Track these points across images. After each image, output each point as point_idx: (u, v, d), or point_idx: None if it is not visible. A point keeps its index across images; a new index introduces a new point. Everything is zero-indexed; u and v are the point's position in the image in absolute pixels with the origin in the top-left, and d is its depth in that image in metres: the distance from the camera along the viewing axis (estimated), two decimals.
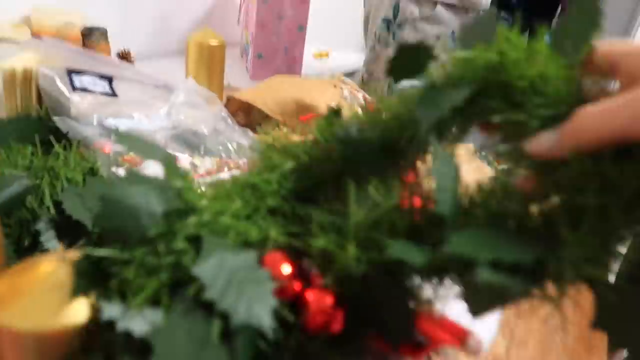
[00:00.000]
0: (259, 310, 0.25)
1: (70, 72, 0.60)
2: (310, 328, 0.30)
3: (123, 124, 0.66)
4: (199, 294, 0.23)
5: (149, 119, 0.71)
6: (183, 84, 0.77)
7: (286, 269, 0.30)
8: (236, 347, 0.27)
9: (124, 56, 1.17)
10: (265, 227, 0.30)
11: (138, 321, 0.23)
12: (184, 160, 0.59)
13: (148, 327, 0.23)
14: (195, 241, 0.25)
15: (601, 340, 0.62)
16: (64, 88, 0.59)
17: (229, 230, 0.26)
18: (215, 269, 0.23)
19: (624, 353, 0.26)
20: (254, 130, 0.76)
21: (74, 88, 0.60)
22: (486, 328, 0.40)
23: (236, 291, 0.23)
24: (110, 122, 0.64)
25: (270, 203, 0.32)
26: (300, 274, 0.31)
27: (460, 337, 0.39)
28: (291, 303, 0.30)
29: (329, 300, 0.30)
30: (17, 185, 0.47)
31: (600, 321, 0.25)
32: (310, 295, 0.30)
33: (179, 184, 0.26)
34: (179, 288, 0.24)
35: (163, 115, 0.73)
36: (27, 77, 0.62)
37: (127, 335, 0.24)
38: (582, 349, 0.60)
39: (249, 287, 0.24)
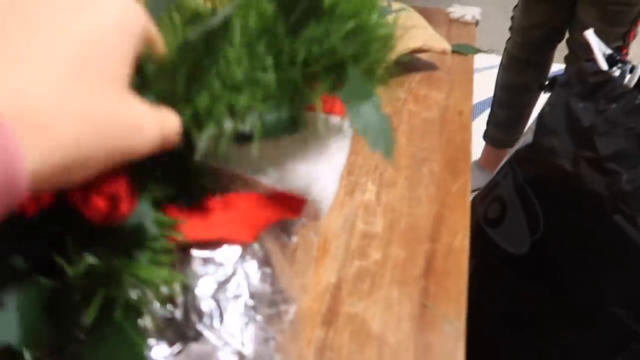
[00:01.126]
0: None
1: None
2: (91, 219, 0.26)
3: None
4: None
5: None
6: None
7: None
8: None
9: None
10: None
11: None
12: None
13: None
14: None
15: (465, 163, 0.65)
16: None
17: None
18: None
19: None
20: None
21: None
22: (328, 184, 0.38)
23: None
24: None
25: None
26: None
27: (295, 207, 0.38)
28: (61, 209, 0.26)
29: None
30: None
31: None
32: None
33: None
34: None
35: None
36: None
37: None
38: (448, 174, 0.63)
39: None
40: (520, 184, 0.83)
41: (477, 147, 1.60)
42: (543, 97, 1.21)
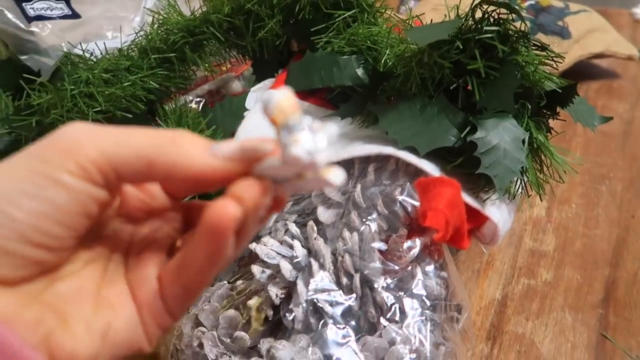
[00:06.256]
0: None
1: (19, 0, 0.57)
2: None
3: (96, 47, 0.63)
4: None
5: (123, 33, 0.68)
6: None
7: None
8: None
9: None
10: None
11: None
12: None
13: None
14: None
15: None
16: (17, 21, 0.56)
17: None
18: None
19: None
20: None
21: (28, 18, 0.57)
22: (507, 216, 0.40)
23: None
24: (82, 47, 0.61)
25: None
26: None
27: (477, 223, 0.38)
28: None
29: None
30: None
31: None
32: None
33: None
34: None
35: (137, 26, 0.69)
36: None
37: None
38: (632, 196, 0.58)
39: None
40: None
41: None
42: None
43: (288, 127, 0.18)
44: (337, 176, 0.19)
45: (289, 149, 0.18)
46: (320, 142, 0.18)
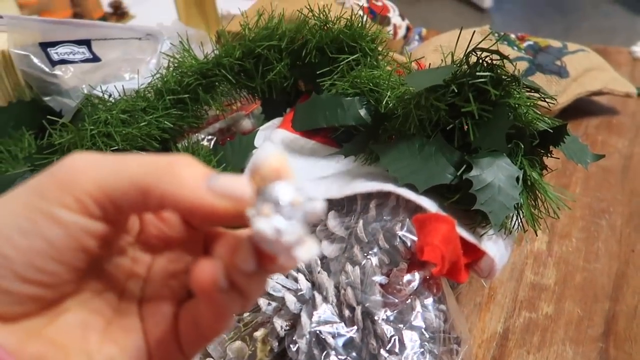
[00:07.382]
0: None
1: (45, 46, 0.60)
2: None
3: (114, 88, 0.67)
4: None
5: (140, 75, 0.71)
6: (167, 29, 0.76)
7: None
8: None
9: (116, 5, 1.17)
10: None
11: None
12: None
13: None
14: None
15: None
16: (42, 65, 0.60)
17: None
18: None
19: None
20: None
21: (52, 62, 0.60)
22: (504, 252, 0.41)
23: None
24: (101, 89, 0.65)
25: None
26: None
27: (476, 256, 0.40)
28: None
29: None
30: (21, 180, 0.50)
31: None
32: None
33: None
34: None
35: (153, 68, 0.73)
36: (7, 60, 0.64)
37: None
38: (632, 230, 0.59)
39: None
40: None
41: None
42: None
43: (264, 195, 0.16)
44: (307, 252, 0.16)
45: (254, 221, 0.16)
46: (296, 219, 0.15)
